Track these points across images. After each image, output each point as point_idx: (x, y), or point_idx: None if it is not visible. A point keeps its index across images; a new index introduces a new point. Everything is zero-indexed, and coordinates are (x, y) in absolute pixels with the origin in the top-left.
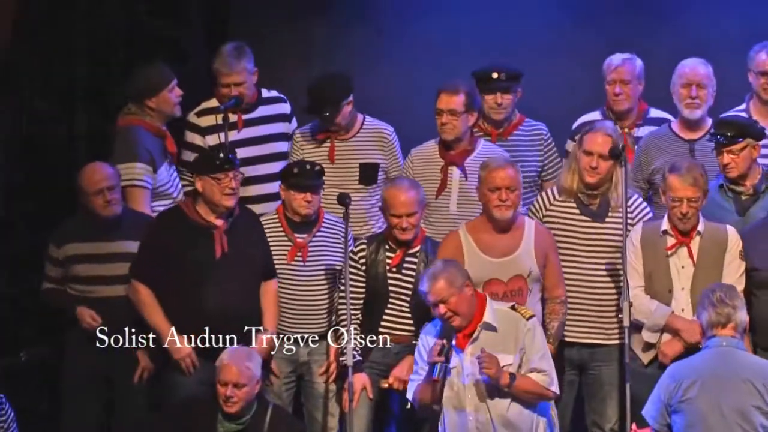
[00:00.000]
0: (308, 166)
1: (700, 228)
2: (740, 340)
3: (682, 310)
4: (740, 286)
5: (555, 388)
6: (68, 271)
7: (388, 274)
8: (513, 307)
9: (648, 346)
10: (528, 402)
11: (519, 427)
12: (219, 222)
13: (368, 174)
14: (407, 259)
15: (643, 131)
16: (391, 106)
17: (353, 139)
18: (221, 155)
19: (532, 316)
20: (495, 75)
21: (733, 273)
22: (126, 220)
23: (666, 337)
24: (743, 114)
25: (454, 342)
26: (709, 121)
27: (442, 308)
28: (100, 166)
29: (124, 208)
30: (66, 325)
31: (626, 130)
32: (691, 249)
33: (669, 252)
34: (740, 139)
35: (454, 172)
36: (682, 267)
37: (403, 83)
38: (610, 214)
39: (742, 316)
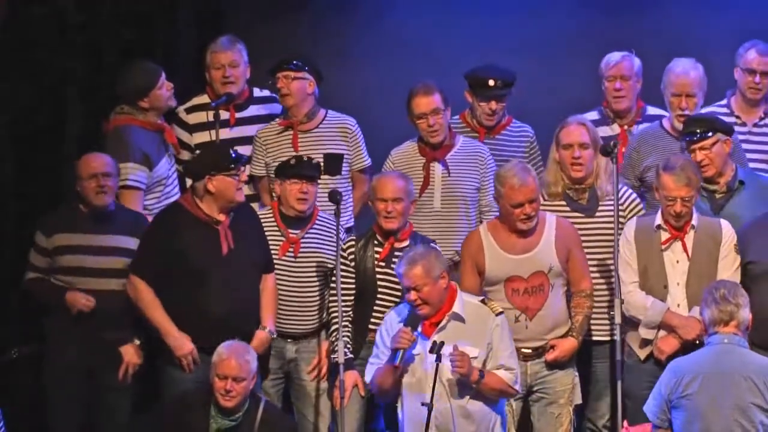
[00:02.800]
0: (305, 158)
1: (694, 222)
2: (742, 338)
3: (678, 305)
4: (736, 280)
5: (518, 386)
6: (55, 262)
7: (377, 269)
8: (483, 301)
9: (645, 342)
10: (489, 398)
11: (477, 419)
12: (222, 217)
13: (332, 164)
14: (396, 253)
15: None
16: (378, 103)
17: (316, 130)
18: (231, 151)
19: (500, 313)
20: (491, 83)
21: (729, 267)
22: (119, 215)
23: (662, 333)
24: (724, 109)
25: (420, 329)
26: None
27: (413, 295)
28: (99, 154)
29: (117, 204)
30: (47, 319)
31: (626, 127)
32: (685, 243)
33: (663, 247)
34: (710, 134)
35: (436, 167)
36: (677, 262)
37: (392, 81)
38: (600, 207)
39: (745, 314)
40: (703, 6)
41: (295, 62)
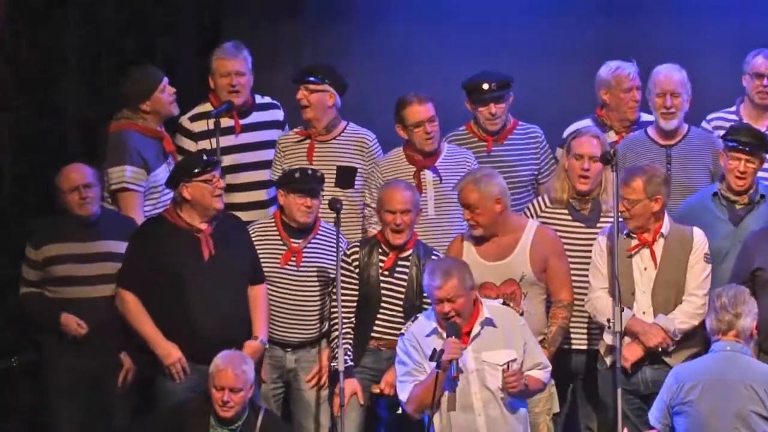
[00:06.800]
0: (310, 171)
1: (663, 230)
2: (745, 345)
3: (643, 312)
4: (704, 290)
5: (549, 381)
6: (47, 273)
7: (381, 278)
8: (504, 303)
9: (611, 349)
10: (525, 397)
11: (521, 417)
12: (203, 226)
13: (345, 177)
14: (399, 262)
15: None
16: (373, 110)
17: (333, 141)
18: (204, 157)
19: (522, 313)
20: (486, 86)
21: (697, 275)
22: (105, 220)
23: (628, 340)
24: (733, 116)
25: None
26: (686, 127)
27: (447, 306)
28: (77, 165)
29: (103, 208)
30: (43, 329)
31: (624, 134)
32: (654, 251)
33: (630, 253)
34: (752, 149)
35: (428, 175)
36: (645, 269)
37: (388, 88)
38: (601, 218)
39: (746, 323)
40: (698, 15)
41: (317, 75)
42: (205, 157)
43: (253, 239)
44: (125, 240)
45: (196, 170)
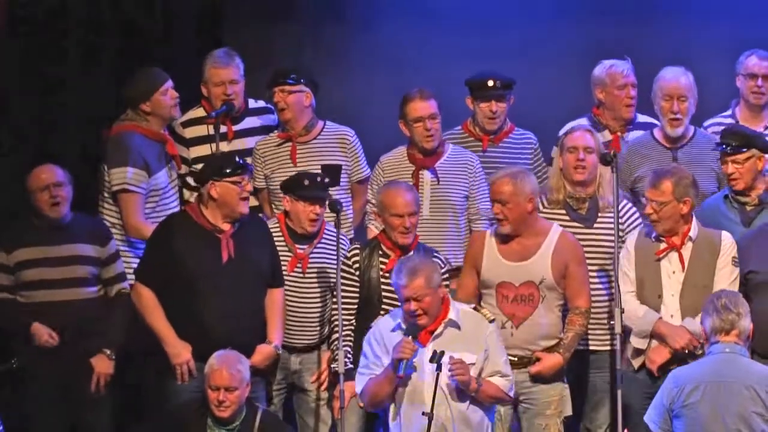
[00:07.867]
0: (319, 179)
1: (691, 234)
2: (743, 347)
3: (671, 316)
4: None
5: (512, 392)
6: (18, 278)
7: (382, 280)
8: (475, 308)
9: (637, 352)
10: (484, 404)
11: (474, 425)
12: (226, 226)
13: (331, 175)
14: None
15: (632, 136)
16: (369, 111)
17: (314, 141)
18: (237, 159)
19: (493, 320)
20: (490, 83)
21: (725, 279)
22: (76, 223)
23: (655, 343)
24: (729, 120)
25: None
26: (692, 129)
27: (413, 305)
28: (48, 166)
29: (75, 213)
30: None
31: (618, 133)
32: (682, 255)
33: (658, 257)
34: (744, 150)
35: (426, 175)
36: (673, 272)
37: (384, 89)
38: (599, 218)
39: (746, 323)
40: (697, 12)
41: (291, 76)
42: (238, 159)
43: None
44: (96, 243)
45: (227, 170)
